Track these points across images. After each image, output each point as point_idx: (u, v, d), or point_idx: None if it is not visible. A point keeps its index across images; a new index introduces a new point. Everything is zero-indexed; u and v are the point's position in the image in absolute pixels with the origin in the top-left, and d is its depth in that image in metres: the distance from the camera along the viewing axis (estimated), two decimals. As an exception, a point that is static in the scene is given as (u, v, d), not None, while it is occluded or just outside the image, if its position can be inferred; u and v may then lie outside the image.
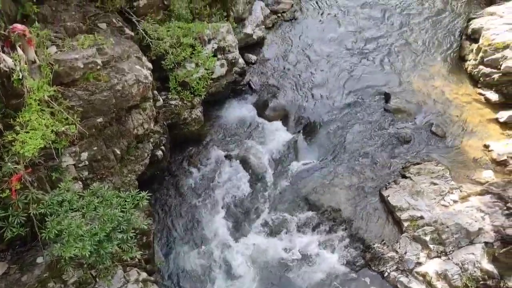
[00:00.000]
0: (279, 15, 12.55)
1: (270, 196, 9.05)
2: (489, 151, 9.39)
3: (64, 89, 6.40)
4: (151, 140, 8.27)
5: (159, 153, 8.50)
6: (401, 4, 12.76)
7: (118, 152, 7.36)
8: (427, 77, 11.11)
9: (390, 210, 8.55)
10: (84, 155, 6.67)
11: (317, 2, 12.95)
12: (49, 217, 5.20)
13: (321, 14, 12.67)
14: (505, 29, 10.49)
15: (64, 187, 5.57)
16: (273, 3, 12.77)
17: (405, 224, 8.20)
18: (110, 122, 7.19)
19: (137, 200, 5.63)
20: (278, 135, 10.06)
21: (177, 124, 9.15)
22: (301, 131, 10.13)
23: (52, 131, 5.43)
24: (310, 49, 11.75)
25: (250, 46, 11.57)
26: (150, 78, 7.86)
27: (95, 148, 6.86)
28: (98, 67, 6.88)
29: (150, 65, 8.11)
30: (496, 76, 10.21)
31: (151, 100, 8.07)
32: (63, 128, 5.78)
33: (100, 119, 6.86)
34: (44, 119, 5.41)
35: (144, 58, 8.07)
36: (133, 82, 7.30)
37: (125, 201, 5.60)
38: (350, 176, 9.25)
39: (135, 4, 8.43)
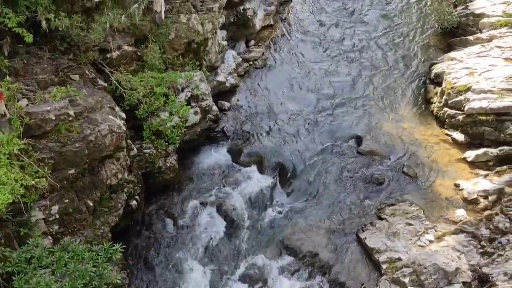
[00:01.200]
0: (251, 63, 12.89)
1: (248, 242, 8.92)
2: (460, 190, 9.62)
3: (35, 142, 6.32)
4: (125, 190, 8.14)
5: (133, 203, 8.35)
6: (367, 52, 13.30)
7: (91, 203, 7.20)
8: (396, 119, 11.47)
9: (368, 253, 8.53)
10: (55, 208, 6.49)
11: (288, 51, 13.37)
12: (16, 276, 4.96)
13: (291, 61, 13.06)
14: (465, 73, 11.05)
15: (33, 243, 5.37)
16: (244, 51, 13.13)
17: (384, 266, 8.16)
18: (83, 173, 7.08)
19: (110, 253, 5.46)
20: (254, 180, 10.06)
21: (151, 173, 9.06)
22: (277, 176, 10.17)
23: (21, 185, 5.30)
24: (281, 95, 12.02)
25: (223, 93, 11.76)
26: (124, 128, 7.85)
27: (67, 200, 6.70)
28: (70, 118, 6.85)
29: (123, 115, 8.12)
30: (460, 117, 10.63)
31: (125, 150, 8.02)
32: (33, 182, 5.66)
33: (72, 171, 6.74)
34: (13, 173, 5.29)
35: (117, 108, 8.09)
36: (106, 132, 7.26)
37: (98, 255, 5.41)
38: (326, 219, 9.24)
39: (108, 55, 8.53)
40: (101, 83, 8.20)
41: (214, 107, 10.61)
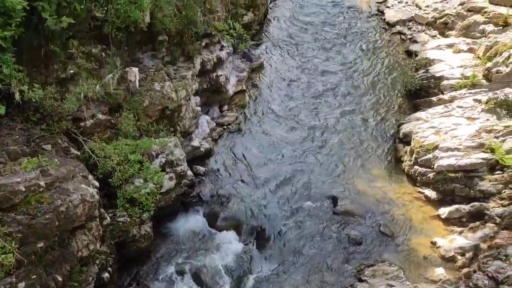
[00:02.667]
0: (225, 127, 13.06)
1: (227, 313, 8.58)
2: (437, 248, 9.67)
3: (3, 215, 6.10)
4: (97, 261, 7.82)
5: (106, 275, 8.00)
6: (339, 116, 13.72)
7: (60, 278, 6.86)
8: (370, 179, 11.67)
9: (350, 318, 8.32)
10: (21, 285, 6.13)
11: (260, 115, 13.66)
12: None
13: (264, 124, 13.31)
14: (432, 132, 11.53)
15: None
16: (218, 116, 13.35)
17: (367, 331, 7.94)
18: (52, 246, 6.81)
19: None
20: (232, 245, 9.86)
21: (125, 242, 8.76)
22: (254, 240, 10.02)
23: (-14, 262, 5.03)
24: (255, 158, 12.13)
25: (198, 158, 11.77)
26: (97, 197, 7.69)
27: (34, 276, 6.36)
28: (41, 189, 6.68)
29: (96, 184, 7.97)
30: (431, 175, 10.92)
31: (98, 219, 7.80)
32: (-1, 259, 5.38)
33: (41, 244, 6.47)
34: (-22, 250, 5.03)
35: (90, 177, 7.96)
36: (78, 202, 7.09)
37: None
38: (306, 284, 9.05)
39: (82, 124, 8.53)
40: (74, 152, 8.12)
41: (189, 172, 10.57)
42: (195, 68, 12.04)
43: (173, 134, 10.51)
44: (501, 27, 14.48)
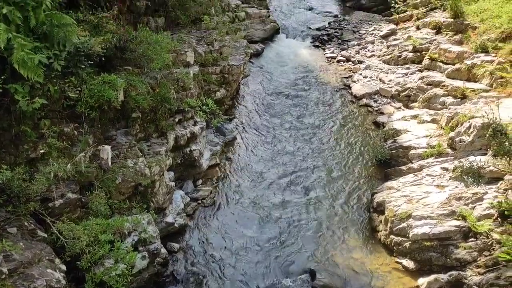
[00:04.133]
0: (199, 201, 12.92)
1: None
2: (419, 320, 9.42)
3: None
4: None
5: None
6: (311, 188, 13.83)
7: None
8: (347, 250, 11.53)
9: None
10: None
11: (234, 188, 13.66)
12: None
13: (238, 198, 13.26)
14: (404, 200, 11.68)
15: None
16: (192, 191, 13.24)
17: None
18: None
19: None
20: (207, 328, 9.36)
21: (92, 331, 8.19)
22: (231, 321, 9.56)
23: None
24: (232, 232, 11.92)
25: (173, 234, 11.47)
26: (64, 282, 7.32)
27: None
28: (3, 276, 6.33)
29: (63, 267, 7.60)
30: (407, 244, 10.90)
31: (63, 307, 7.33)
32: None
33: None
34: None
35: (57, 260, 7.60)
36: (43, 289, 6.69)
37: None
38: None
39: (50, 204, 8.28)
40: (40, 234, 7.80)
41: (163, 250, 10.22)
42: (169, 144, 12.12)
43: (146, 210, 10.30)
44: (459, 99, 15.37)
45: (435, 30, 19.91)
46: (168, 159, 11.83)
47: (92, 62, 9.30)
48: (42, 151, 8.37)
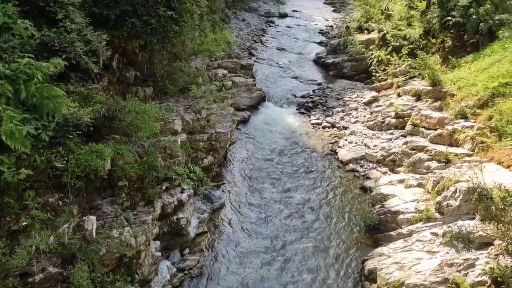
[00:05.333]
0: (186, 272, 12.49)
1: None
2: None
3: None
4: None
5: None
6: (300, 255, 13.55)
7: None
8: (339, 322, 11.10)
9: None
10: None
11: (222, 257, 13.30)
12: None
13: (227, 265, 12.89)
14: (396, 267, 11.46)
15: None
16: (179, 260, 12.84)
17: None
18: None
19: None
20: None
21: None
22: None
23: None
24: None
25: (157, 308, 10.97)
26: None
27: None
28: None
29: None
30: (401, 314, 10.55)
31: None
32: None
33: None
34: None
35: None
36: None
37: None
38: None
39: (30, 280, 7.90)
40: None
41: (147, 327, 9.71)
42: (156, 212, 11.92)
43: (130, 283, 9.87)
44: (443, 164, 15.66)
45: (415, 97, 20.73)
46: (154, 228, 11.56)
47: (80, 132, 9.35)
48: (24, 223, 8.14)
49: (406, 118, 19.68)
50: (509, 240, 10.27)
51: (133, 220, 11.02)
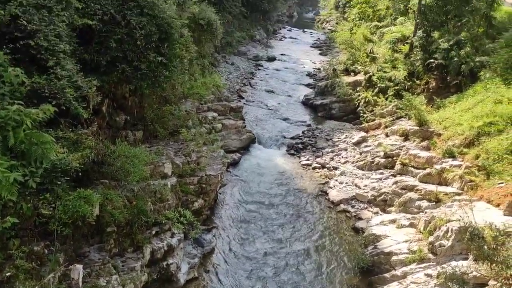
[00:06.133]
0: (176, 321, 12.09)
1: None
2: None
3: None
4: None
5: None
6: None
7: None
8: None
9: None
10: None
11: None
12: None
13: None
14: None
15: None
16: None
17: None
18: None
19: None
20: None
21: None
22: None
23: None
24: None
25: None
26: None
27: None
28: None
29: None
30: None
31: None
32: None
33: None
34: None
35: None
36: None
37: None
38: None
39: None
40: None
41: None
42: (145, 259, 11.64)
43: (117, 335, 9.50)
44: (434, 203, 15.70)
45: (403, 137, 21.00)
46: (143, 275, 11.27)
47: (68, 178, 9.26)
48: (8, 273, 7.87)
49: (395, 158, 19.84)
50: (503, 280, 10.16)
51: (121, 268, 10.75)
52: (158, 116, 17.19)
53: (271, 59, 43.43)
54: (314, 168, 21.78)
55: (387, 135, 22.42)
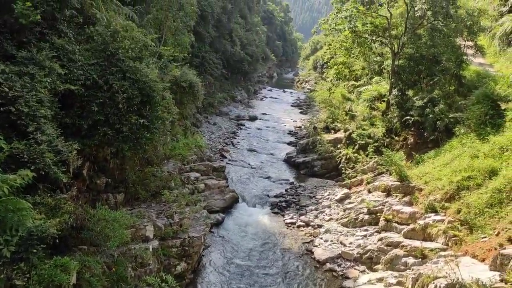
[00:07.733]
0: None
1: None
2: None
3: None
4: None
5: None
6: None
7: None
8: None
9: None
10: None
11: None
12: None
13: None
14: None
15: None
16: None
17: None
18: None
19: None
20: None
21: None
22: None
23: None
24: None
25: None
26: None
27: None
28: None
29: None
30: None
31: None
32: None
33: None
34: None
35: None
36: None
37: None
38: None
39: None
40: None
41: None
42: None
43: None
44: (420, 259, 15.54)
45: (385, 193, 21.14)
46: None
47: (45, 245, 8.94)
48: None
49: (378, 214, 19.83)
50: None
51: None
52: (140, 178, 17.06)
53: (253, 118, 44.28)
54: (298, 227, 21.53)
55: (369, 191, 22.55)
